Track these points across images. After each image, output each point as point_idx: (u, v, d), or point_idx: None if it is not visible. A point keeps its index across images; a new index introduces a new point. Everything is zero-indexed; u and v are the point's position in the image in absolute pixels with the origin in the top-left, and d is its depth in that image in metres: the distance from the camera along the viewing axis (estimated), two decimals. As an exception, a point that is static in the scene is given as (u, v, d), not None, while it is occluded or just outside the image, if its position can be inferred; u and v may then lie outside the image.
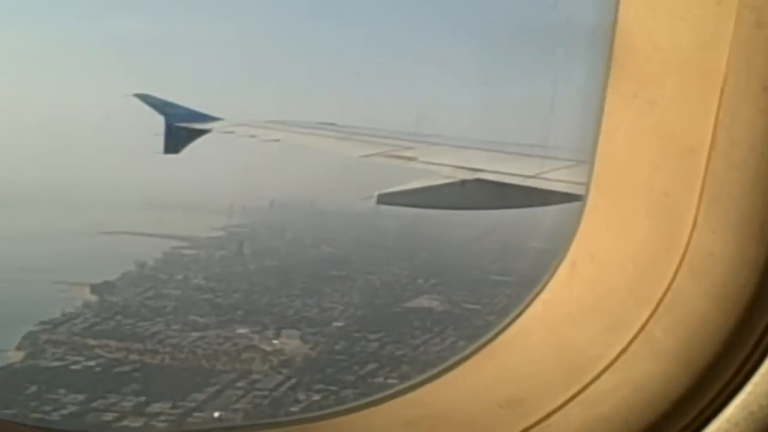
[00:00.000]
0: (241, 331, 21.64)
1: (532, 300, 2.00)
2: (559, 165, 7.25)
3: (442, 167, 8.28)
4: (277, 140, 12.32)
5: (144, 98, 14.07)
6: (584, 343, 1.80)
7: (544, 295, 1.97)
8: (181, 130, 13.24)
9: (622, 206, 1.77)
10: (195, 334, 20.83)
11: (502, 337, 2.00)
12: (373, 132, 11.49)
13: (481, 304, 22.36)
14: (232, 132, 13.48)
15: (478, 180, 7.66)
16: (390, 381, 17.53)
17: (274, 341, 21.22)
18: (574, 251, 1.90)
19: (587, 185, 1.83)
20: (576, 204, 1.93)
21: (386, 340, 20.29)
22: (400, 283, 24.68)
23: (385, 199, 7.75)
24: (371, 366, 19.30)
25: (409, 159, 8.97)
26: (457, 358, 2.01)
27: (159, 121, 13.35)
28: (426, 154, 9.03)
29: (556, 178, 7.11)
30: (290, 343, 21.45)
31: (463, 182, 7.63)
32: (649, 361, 1.67)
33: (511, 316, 2.02)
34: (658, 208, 1.67)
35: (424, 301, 23.34)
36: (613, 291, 1.78)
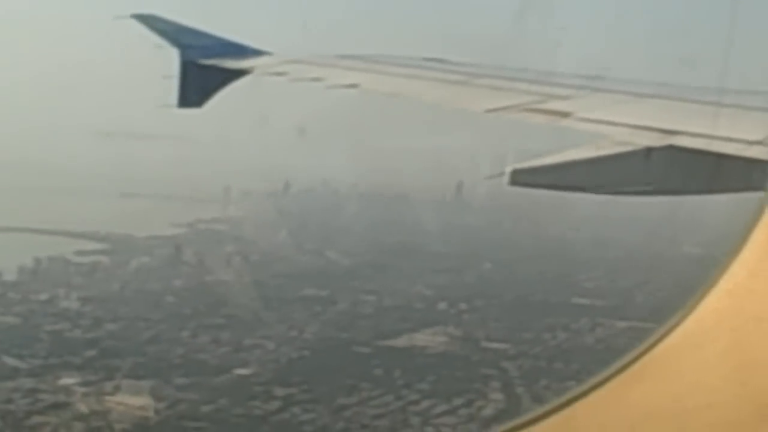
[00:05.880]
0: (65, 381, 16.36)
1: (708, 290, 1.53)
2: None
3: (613, 127, 6.06)
4: (355, 85, 8.98)
5: (147, 20, 10.63)
6: None
7: (725, 283, 1.51)
8: (205, 70, 9.90)
9: None
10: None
11: (661, 346, 1.63)
12: (506, 73, 8.62)
13: (512, 342, 17.44)
14: (283, 74, 9.82)
15: (670, 148, 5.53)
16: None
17: (107, 398, 15.94)
18: None
19: None
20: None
21: (299, 398, 15.16)
22: (408, 307, 19.38)
23: (522, 177, 5.34)
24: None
25: (562, 115, 6.66)
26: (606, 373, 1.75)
27: (170, 57, 9.87)
28: (587, 108, 6.73)
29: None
30: (129, 401, 15.89)
31: (649, 151, 5.48)
32: None
33: (678, 315, 1.63)
34: None
35: (420, 337, 18.07)
36: None
